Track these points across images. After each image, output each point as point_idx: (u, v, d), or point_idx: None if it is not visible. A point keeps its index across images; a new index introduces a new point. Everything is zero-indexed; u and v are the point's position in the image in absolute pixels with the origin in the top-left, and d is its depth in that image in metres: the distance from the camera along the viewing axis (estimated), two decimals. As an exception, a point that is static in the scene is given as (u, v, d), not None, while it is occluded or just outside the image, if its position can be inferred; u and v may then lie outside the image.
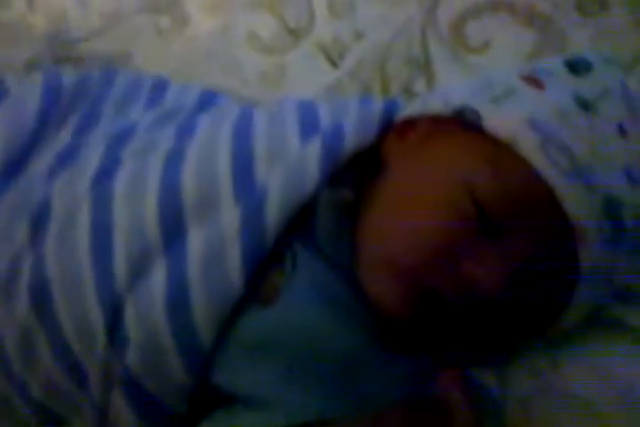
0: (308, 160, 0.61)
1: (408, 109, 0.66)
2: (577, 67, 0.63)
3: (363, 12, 0.90)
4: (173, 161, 0.62)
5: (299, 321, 0.58)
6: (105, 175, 0.62)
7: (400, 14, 0.89)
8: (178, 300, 0.57)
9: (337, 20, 0.90)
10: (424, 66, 0.83)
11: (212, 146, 0.63)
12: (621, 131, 0.60)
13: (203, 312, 0.56)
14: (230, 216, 0.59)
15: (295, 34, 0.90)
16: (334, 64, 0.87)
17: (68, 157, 0.65)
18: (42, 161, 0.65)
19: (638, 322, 0.65)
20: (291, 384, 0.56)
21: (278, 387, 0.56)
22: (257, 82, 0.87)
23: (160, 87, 0.76)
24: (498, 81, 0.63)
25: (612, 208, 0.57)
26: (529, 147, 0.57)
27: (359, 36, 0.88)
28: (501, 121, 0.59)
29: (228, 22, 0.94)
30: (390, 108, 0.67)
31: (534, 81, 0.62)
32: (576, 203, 0.56)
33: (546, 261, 0.57)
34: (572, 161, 0.56)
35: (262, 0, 0.94)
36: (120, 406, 0.59)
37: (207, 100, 0.75)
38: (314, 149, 0.61)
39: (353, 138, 0.63)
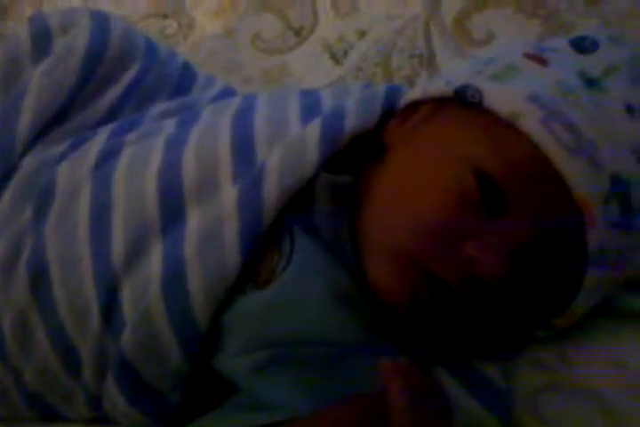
0: (308, 139, 0.59)
1: (410, 94, 0.64)
2: (582, 45, 0.61)
3: (366, 11, 0.90)
4: (175, 144, 0.61)
5: (294, 303, 0.55)
6: (108, 157, 0.61)
7: (403, 11, 0.88)
8: (173, 278, 0.55)
9: (341, 20, 0.90)
10: (427, 60, 0.82)
11: (213, 130, 0.62)
12: (629, 110, 0.58)
13: (198, 290, 0.55)
14: (228, 194, 0.57)
15: (299, 33, 0.90)
16: (338, 62, 0.87)
17: (80, 142, 0.64)
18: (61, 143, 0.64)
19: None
20: (272, 375, 0.54)
21: (258, 378, 0.54)
22: (260, 80, 0.87)
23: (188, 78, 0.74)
24: (500, 59, 0.61)
25: (619, 188, 0.55)
26: (531, 122, 0.55)
27: (363, 33, 0.88)
28: (503, 97, 0.57)
29: (231, 25, 0.95)
30: (392, 93, 0.66)
31: (538, 58, 0.59)
32: (581, 180, 0.54)
33: (552, 243, 0.55)
34: (576, 137, 0.54)
35: (266, 2, 0.95)
36: (114, 394, 0.57)
37: (221, 97, 0.74)
38: (314, 129, 0.60)
39: (354, 118, 0.61)
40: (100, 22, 0.70)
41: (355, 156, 0.62)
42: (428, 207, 0.56)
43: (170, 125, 0.65)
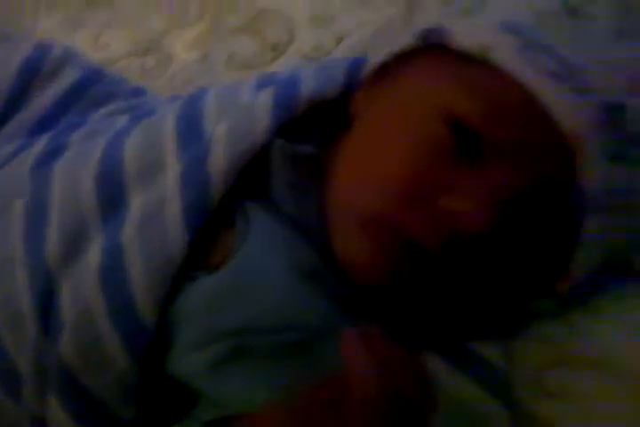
0: (258, 106, 0.54)
1: (376, 58, 0.58)
2: None
3: (343, 20, 0.86)
4: (119, 138, 0.56)
5: (250, 286, 0.49)
6: (49, 157, 0.57)
7: (379, 18, 0.84)
8: (111, 267, 0.49)
9: (318, 29, 0.87)
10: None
11: (160, 118, 0.58)
12: (619, 34, 0.52)
13: (139, 277, 0.49)
14: (172, 173, 0.52)
15: (276, 49, 0.87)
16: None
17: (22, 147, 0.60)
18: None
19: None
20: (231, 370, 0.48)
21: (216, 376, 0.48)
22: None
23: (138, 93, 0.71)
24: None
25: (612, 112, 0.48)
26: (505, 52, 0.49)
27: (340, 40, 0.84)
28: (471, 31, 0.51)
29: (208, 51, 0.92)
30: (358, 62, 0.60)
31: None
32: (569, 109, 0.47)
33: (543, 189, 0.48)
34: (559, 63, 0.48)
35: (242, 25, 0.92)
36: (57, 411, 0.50)
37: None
38: (265, 95, 0.55)
39: (311, 83, 0.56)
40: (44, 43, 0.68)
41: (321, 128, 0.57)
42: (397, 163, 0.50)
43: (121, 121, 0.61)
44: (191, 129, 0.55)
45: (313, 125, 0.57)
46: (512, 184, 0.48)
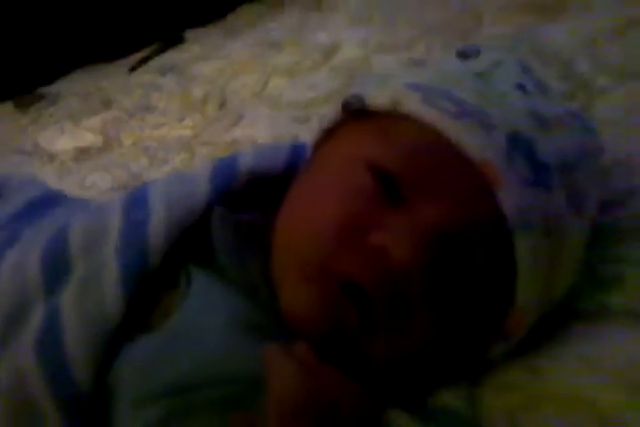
0: (197, 175, 0.58)
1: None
2: (465, 53, 0.60)
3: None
4: (64, 224, 0.57)
5: (189, 340, 0.48)
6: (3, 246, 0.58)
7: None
8: (48, 331, 0.49)
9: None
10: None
11: (108, 205, 0.60)
12: (521, 87, 0.55)
13: (76, 340, 0.48)
14: (111, 240, 0.54)
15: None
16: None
17: None
18: None
19: (621, 304, 0.53)
20: None
21: None
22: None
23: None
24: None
25: (520, 144, 0.50)
26: (412, 103, 0.52)
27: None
28: (382, 92, 0.55)
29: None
30: (301, 146, 0.63)
31: (419, 62, 0.59)
32: (473, 140, 0.50)
33: (467, 221, 0.49)
34: (459, 104, 0.51)
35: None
36: None
37: None
38: (205, 166, 0.59)
39: (250, 156, 0.60)
40: None
41: (267, 204, 0.59)
42: (325, 209, 0.52)
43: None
44: (136, 202, 0.57)
45: (259, 201, 0.59)
46: (437, 219, 0.49)
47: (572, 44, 0.93)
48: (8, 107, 1.55)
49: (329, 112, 0.59)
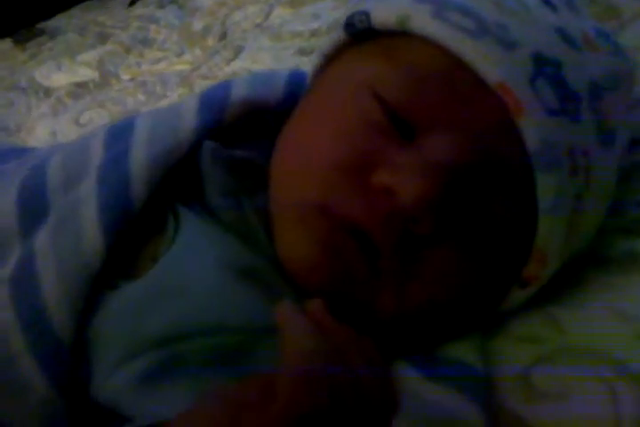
0: (184, 107, 0.53)
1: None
2: None
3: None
4: (39, 164, 0.52)
5: (178, 287, 0.44)
6: None
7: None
8: (22, 277, 0.45)
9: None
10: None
11: (90, 138, 0.55)
12: (547, 3, 0.49)
13: (53, 286, 0.44)
14: (89, 176, 0.49)
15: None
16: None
17: None
18: None
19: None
20: (161, 385, 0.41)
21: (144, 394, 0.41)
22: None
23: None
24: None
25: (547, 68, 0.44)
26: (422, 19, 0.46)
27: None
28: (388, 7, 0.49)
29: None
30: (300, 74, 0.58)
31: None
32: (491, 62, 0.44)
33: (487, 157, 0.44)
34: (477, 20, 0.45)
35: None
36: None
37: None
38: (192, 97, 0.54)
39: (243, 87, 0.54)
40: None
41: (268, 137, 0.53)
42: (328, 143, 0.46)
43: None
44: (118, 135, 0.52)
45: (256, 135, 0.54)
46: (447, 153, 0.44)
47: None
48: (6, 44, 1.49)
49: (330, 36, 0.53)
